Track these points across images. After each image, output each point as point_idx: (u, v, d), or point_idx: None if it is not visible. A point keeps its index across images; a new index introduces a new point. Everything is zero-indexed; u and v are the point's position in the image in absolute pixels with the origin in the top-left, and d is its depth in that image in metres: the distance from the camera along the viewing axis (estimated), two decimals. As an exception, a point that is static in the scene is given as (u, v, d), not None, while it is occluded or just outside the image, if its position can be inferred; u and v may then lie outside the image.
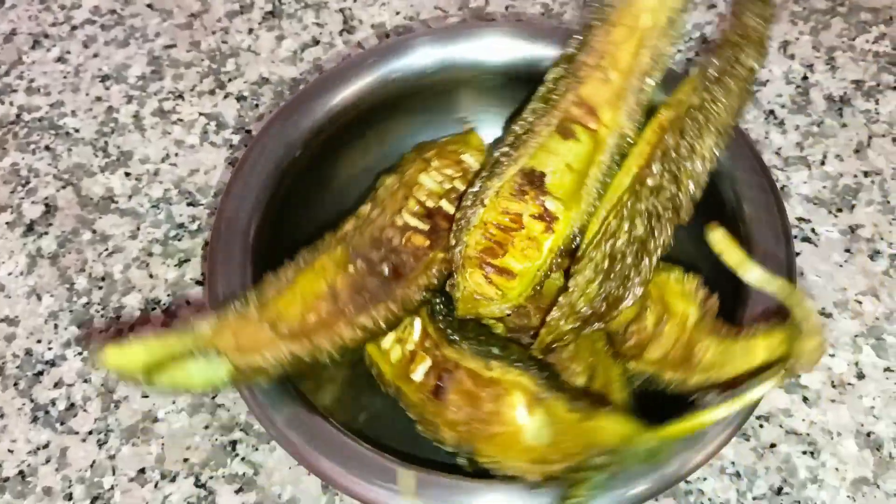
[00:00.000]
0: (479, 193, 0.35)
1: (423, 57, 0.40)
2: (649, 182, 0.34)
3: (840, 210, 0.46)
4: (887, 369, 0.41)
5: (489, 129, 0.42)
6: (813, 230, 0.45)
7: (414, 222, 0.38)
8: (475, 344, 0.35)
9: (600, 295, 0.34)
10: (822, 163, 0.48)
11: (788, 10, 0.55)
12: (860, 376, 0.41)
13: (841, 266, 0.44)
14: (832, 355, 0.41)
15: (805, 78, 0.51)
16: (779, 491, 0.38)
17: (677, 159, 0.34)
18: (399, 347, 0.36)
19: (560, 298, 0.34)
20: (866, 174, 0.47)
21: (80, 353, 0.43)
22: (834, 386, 0.41)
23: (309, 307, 0.34)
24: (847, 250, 0.45)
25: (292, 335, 0.33)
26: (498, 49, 0.41)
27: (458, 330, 0.36)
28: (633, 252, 0.34)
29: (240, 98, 0.52)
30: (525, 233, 0.35)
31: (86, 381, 0.42)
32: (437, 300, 0.36)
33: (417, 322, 0.36)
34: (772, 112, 0.50)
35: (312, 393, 0.34)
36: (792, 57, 0.52)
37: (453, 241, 0.35)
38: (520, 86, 0.40)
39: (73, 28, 0.56)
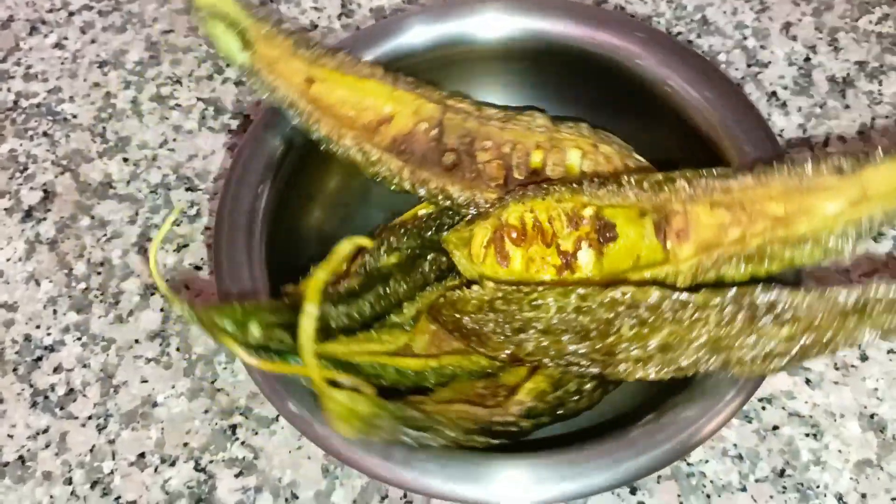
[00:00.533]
0: (549, 188, 0.34)
1: (418, 35, 0.40)
2: (578, 319, 0.30)
3: (843, 192, 0.46)
4: (891, 351, 0.41)
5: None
6: (816, 212, 0.45)
7: (516, 163, 0.36)
8: (398, 243, 0.36)
9: (476, 318, 0.32)
10: (826, 144, 0.48)
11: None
12: (863, 358, 0.41)
13: (844, 248, 0.44)
14: (835, 337, 0.41)
15: (808, 59, 0.51)
16: (781, 473, 0.38)
17: (614, 343, 0.30)
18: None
19: (460, 287, 0.34)
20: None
21: (79, 339, 0.43)
22: (837, 368, 0.40)
23: (353, 105, 0.36)
24: (850, 232, 0.44)
25: (313, 99, 0.35)
26: (493, 25, 0.40)
27: (417, 231, 0.37)
28: (513, 333, 0.32)
29: (238, 83, 0.52)
30: (547, 251, 0.34)
31: (85, 366, 0.42)
32: (451, 217, 0.37)
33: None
34: (774, 94, 0.49)
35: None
36: (794, 38, 0.52)
37: (503, 199, 0.35)
38: (517, 61, 0.39)
39: (71, 14, 0.56)
